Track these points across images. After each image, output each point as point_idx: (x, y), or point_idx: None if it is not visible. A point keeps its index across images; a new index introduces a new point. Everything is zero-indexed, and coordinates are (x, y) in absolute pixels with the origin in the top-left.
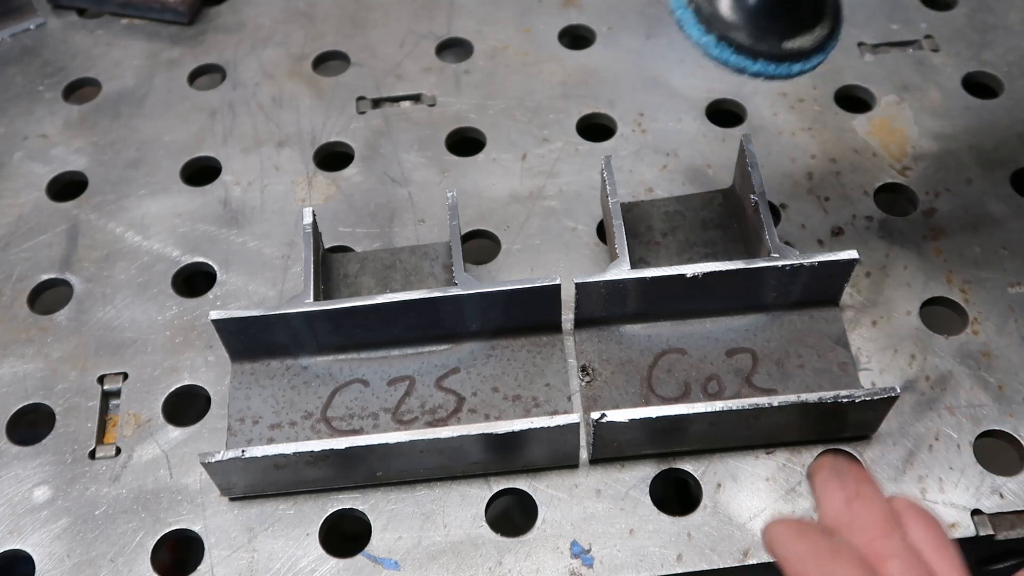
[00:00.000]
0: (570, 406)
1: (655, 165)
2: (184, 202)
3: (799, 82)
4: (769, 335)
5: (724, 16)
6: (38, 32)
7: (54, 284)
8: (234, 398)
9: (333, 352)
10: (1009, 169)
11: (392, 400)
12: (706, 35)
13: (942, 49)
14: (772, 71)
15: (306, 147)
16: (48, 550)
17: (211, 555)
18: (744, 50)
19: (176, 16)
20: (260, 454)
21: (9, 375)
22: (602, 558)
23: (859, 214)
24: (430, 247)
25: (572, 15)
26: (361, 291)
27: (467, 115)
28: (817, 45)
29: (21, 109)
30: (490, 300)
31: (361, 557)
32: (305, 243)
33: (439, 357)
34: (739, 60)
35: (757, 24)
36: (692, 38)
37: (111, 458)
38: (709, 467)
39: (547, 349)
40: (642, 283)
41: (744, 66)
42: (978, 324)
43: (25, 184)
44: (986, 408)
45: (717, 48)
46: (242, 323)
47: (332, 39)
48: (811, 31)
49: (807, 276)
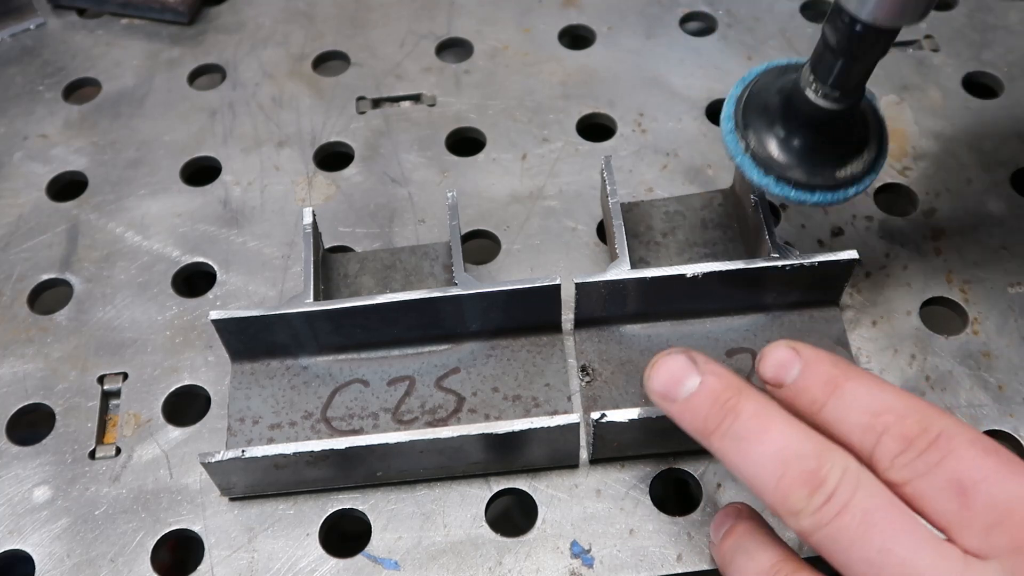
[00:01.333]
0: (570, 406)
1: (655, 165)
2: (184, 202)
3: None
4: (769, 335)
5: (778, 159)
6: (38, 32)
7: (54, 284)
8: (234, 398)
9: (333, 352)
10: (1009, 169)
11: (392, 400)
12: (765, 177)
13: (942, 49)
14: (831, 199)
15: (306, 147)
16: (48, 550)
17: (211, 555)
18: (801, 186)
19: (176, 16)
20: (260, 454)
21: (9, 375)
22: (602, 558)
23: (859, 214)
24: (430, 247)
25: (572, 15)
26: (361, 291)
27: (467, 115)
28: (867, 168)
29: (21, 109)
30: (490, 300)
31: (361, 557)
32: (305, 243)
33: (439, 357)
34: (799, 195)
35: (810, 162)
36: (753, 181)
37: (111, 458)
38: (709, 467)
39: (547, 349)
40: (642, 283)
41: (804, 199)
42: (978, 324)
43: (25, 184)
44: (986, 408)
45: (777, 187)
46: (242, 323)
47: (332, 39)
48: (860, 157)
49: (807, 276)
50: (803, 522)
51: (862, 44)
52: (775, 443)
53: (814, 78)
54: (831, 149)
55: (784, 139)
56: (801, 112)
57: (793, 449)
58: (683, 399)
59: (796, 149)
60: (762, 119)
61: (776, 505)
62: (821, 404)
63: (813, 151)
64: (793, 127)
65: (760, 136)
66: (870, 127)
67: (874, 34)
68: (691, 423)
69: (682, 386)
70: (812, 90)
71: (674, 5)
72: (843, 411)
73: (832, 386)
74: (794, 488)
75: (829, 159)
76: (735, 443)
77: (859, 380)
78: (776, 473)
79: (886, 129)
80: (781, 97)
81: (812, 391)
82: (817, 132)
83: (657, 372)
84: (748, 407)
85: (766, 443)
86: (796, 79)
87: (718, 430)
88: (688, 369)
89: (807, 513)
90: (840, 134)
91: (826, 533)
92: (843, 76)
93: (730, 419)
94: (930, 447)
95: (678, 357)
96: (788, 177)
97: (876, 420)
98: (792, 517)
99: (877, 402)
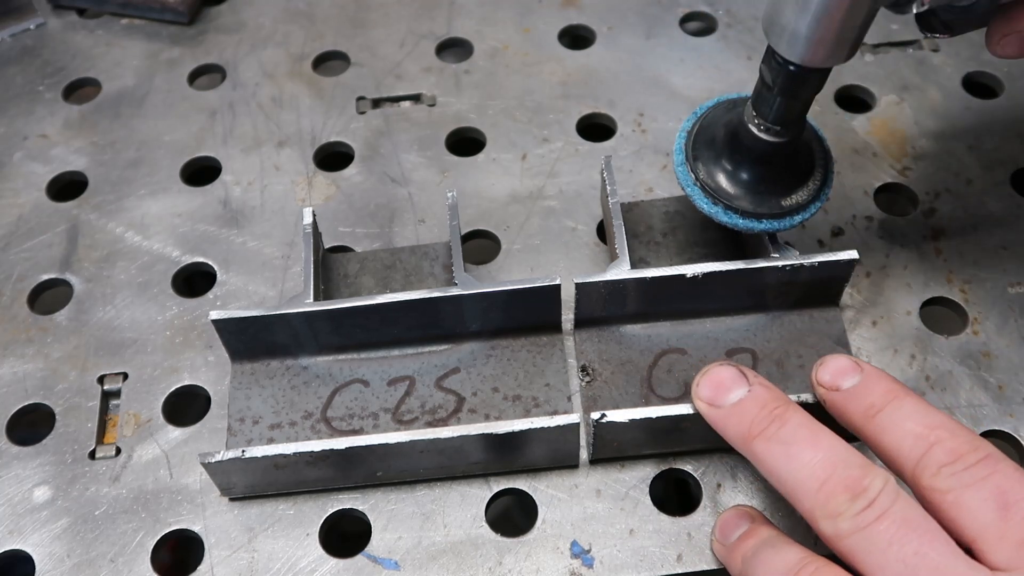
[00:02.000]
0: (570, 406)
1: (655, 165)
2: (184, 202)
3: None
4: (769, 335)
5: (726, 190)
6: (38, 32)
7: (54, 284)
8: (234, 398)
9: (333, 352)
10: (1009, 169)
11: (392, 400)
12: (714, 206)
13: (942, 49)
14: (777, 226)
15: (306, 147)
16: (48, 550)
17: (211, 555)
18: (748, 215)
19: (176, 16)
20: (260, 454)
21: (9, 375)
22: (602, 558)
23: (859, 214)
24: (430, 247)
25: (572, 15)
26: (361, 291)
27: (467, 115)
28: (812, 196)
29: (21, 109)
30: (490, 300)
31: (361, 557)
32: (305, 243)
33: (439, 357)
34: (746, 223)
35: (756, 192)
36: (704, 210)
37: (111, 458)
38: (709, 467)
39: (547, 349)
40: (642, 283)
41: (751, 227)
42: (978, 324)
43: (25, 184)
44: (986, 408)
45: (726, 215)
46: (242, 323)
47: (332, 39)
48: (804, 186)
49: (807, 276)
50: (842, 524)
51: (796, 83)
52: (823, 450)
53: (756, 114)
54: (776, 179)
55: (731, 171)
56: (745, 146)
57: (840, 457)
58: (730, 405)
59: (743, 180)
60: (710, 152)
61: (815, 508)
62: (878, 409)
63: (759, 181)
64: (739, 159)
65: (709, 168)
66: (815, 156)
67: (805, 74)
68: (736, 427)
69: (730, 393)
70: (755, 125)
71: (674, 5)
72: (899, 419)
73: (892, 395)
74: (837, 492)
75: (775, 189)
76: (781, 447)
77: (917, 398)
78: (820, 477)
79: (831, 157)
80: (727, 131)
81: (871, 397)
82: (762, 164)
83: (707, 379)
84: (796, 417)
85: (814, 450)
86: (741, 113)
87: (764, 433)
88: (738, 379)
89: (848, 516)
90: (784, 165)
91: (864, 535)
92: (782, 112)
93: (776, 424)
94: (979, 463)
95: (729, 368)
96: (735, 207)
97: (930, 432)
98: (830, 520)
99: (932, 418)
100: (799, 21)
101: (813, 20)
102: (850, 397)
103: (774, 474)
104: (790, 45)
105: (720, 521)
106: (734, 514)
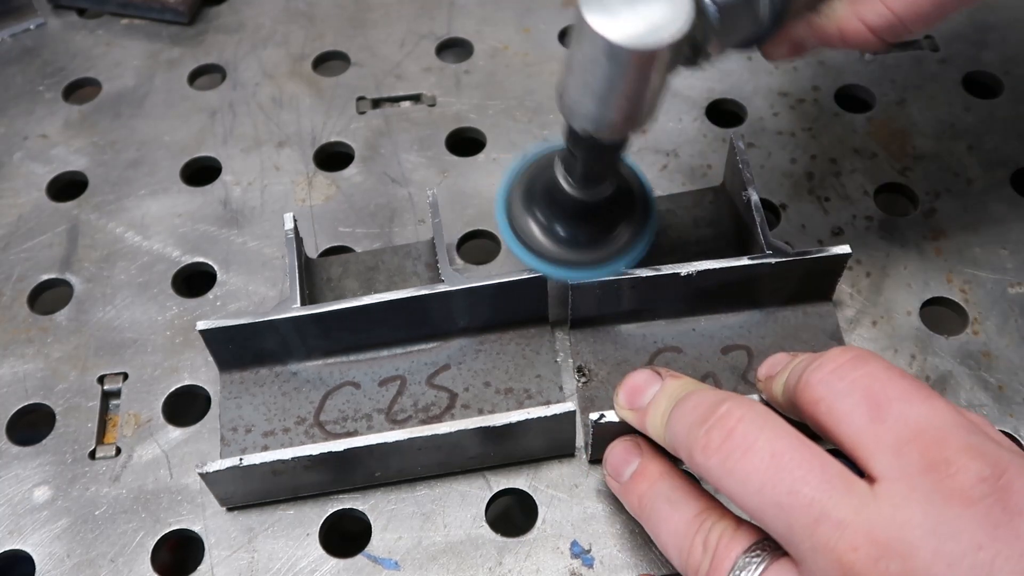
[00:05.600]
0: (562, 395)
1: (655, 165)
2: (184, 202)
3: (799, 82)
4: (764, 331)
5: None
6: (38, 32)
7: (54, 284)
8: (225, 408)
9: (322, 356)
10: (1009, 169)
11: (384, 400)
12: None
13: (942, 49)
14: (594, 275)
15: (306, 147)
16: (48, 550)
17: (211, 555)
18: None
19: (176, 16)
20: (258, 461)
21: (9, 375)
22: (602, 558)
23: (859, 214)
24: (412, 246)
25: (572, 15)
26: (345, 294)
27: (467, 115)
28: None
29: (21, 109)
30: (477, 295)
31: (361, 557)
32: (288, 248)
33: (428, 355)
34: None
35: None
36: (521, 260)
37: (111, 458)
38: None
39: (536, 341)
40: (636, 282)
41: (567, 276)
42: (978, 324)
43: (25, 184)
44: (986, 408)
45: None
46: (230, 332)
47: (332, 39)
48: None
49: (800, 271)
50: (710, 460)
51: (592, 151)
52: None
53: (565, 171)
54: (591, 229)
55: (547, 223)
56: (557, 200)
57: (710, 400)
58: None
59: (558, 232)
60: (528, 203)
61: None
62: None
63: (575, 232)
64: (554, 212)
65: (525, 220)
66: (635, 200)
67: (600, 144)
68: (674, 442)
69: (643, 395)
70: (565, 181)
71: None
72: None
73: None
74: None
75: (590, 238)
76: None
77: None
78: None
79: (652, 199)
80: (543, 184)
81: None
82: (576, 216)
83: (623, 387)
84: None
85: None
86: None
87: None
88: (651, 379)
89: (711, 450)
90: (598, 215)
91: (732, 473)
92: (586, 172)
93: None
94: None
95: (643, 371)
96: (553, 258)
97: (823, 354)
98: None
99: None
100: (586, 102)
101: (600, 102)
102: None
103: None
104: (583, 122)
105: (610, 458)
106: (622, 449)
